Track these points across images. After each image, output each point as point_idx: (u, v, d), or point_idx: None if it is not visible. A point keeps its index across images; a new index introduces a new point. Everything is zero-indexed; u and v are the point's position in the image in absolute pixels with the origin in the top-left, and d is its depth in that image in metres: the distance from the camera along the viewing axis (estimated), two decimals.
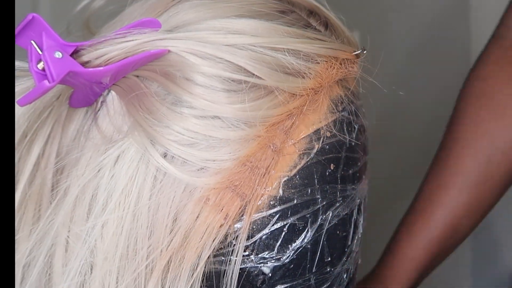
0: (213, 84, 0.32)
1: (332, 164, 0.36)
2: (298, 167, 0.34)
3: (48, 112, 0.35)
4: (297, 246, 0.35)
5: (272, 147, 0.34)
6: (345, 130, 0.37)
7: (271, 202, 0.34)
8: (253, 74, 0.33)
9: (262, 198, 0.34)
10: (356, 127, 0.38)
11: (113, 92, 0.34)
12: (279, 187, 0.34)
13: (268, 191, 0.34)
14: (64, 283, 0.32)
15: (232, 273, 0.33)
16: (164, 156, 0.32)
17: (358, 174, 0.38)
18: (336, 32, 0.38)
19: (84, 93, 0.33)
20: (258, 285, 0.35)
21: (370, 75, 0.38)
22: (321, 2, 0.39)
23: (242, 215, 0.33)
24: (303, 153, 0.35)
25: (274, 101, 0.33)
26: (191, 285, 0.32)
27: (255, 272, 0.34)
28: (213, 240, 0.33)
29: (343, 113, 0.37)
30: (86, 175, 0.33)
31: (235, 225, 0.33)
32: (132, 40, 0.32)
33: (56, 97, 0.35)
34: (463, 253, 0.97)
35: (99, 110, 0.35)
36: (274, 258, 0.34)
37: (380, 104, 0.47)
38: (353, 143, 0.37)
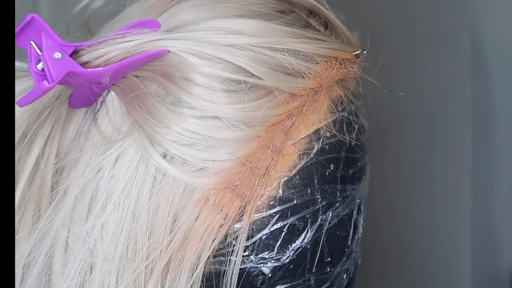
0: (212, 84, 0.32)
1: (332, 164, 0.36)
2: (298, 167, 0.34)
3: (47, 112, 0.35)
4: (297, 246, 0.35)
5: (271, 147, 0.34)
6: (345, 130, 0.36)
7: (271, 203, 0.34)
8: (253, 74, 0.32)
9: (262, 198, 0.34)
10: (356, 127, 0.38)
11: (112, 93, 0.34)
12: (279, 187, 0.34)
13: (268, 191, 0.34)
14: (64, 283, 0.32)
15: (232, 274, 0.33)
16: (164, 157, 0.32)
17: (358, 174, 0.38)
18: (336, 32, 0.38)
19: (84, 94, 0.33)
20: (258, 285, 0.35)
21: (370, 75, 0.38)
22: (321, 2, 0.39)
23: (242, 216, 0.33)
24: (303, 153, 0.34)
25: (273, 101, 0.33)
26: (191, 285, 0.32)
27: (255, 272, 0.34)
28: (213, 241, 0.33)
29: (343, 113, 0.37)
30: (85, 176, 0.33)
31: (235, 226, 0.33)
32: (132, 41, 0.31)
33: (56, 97, 0.35)
34: (463, 253, 0.97)
35: (98, 110, 0.35)
36: (274, 258, 0.34)
37: (380, 104, 0.46)
38: (353, 143, 0.37)
